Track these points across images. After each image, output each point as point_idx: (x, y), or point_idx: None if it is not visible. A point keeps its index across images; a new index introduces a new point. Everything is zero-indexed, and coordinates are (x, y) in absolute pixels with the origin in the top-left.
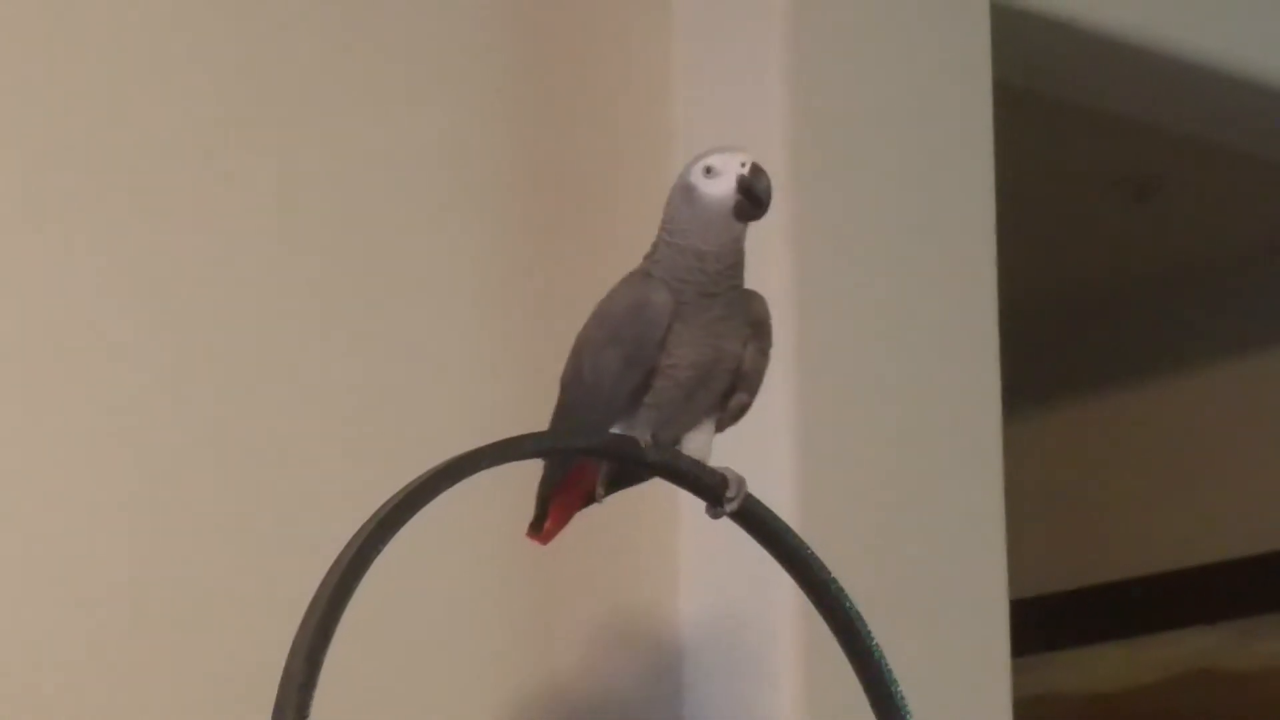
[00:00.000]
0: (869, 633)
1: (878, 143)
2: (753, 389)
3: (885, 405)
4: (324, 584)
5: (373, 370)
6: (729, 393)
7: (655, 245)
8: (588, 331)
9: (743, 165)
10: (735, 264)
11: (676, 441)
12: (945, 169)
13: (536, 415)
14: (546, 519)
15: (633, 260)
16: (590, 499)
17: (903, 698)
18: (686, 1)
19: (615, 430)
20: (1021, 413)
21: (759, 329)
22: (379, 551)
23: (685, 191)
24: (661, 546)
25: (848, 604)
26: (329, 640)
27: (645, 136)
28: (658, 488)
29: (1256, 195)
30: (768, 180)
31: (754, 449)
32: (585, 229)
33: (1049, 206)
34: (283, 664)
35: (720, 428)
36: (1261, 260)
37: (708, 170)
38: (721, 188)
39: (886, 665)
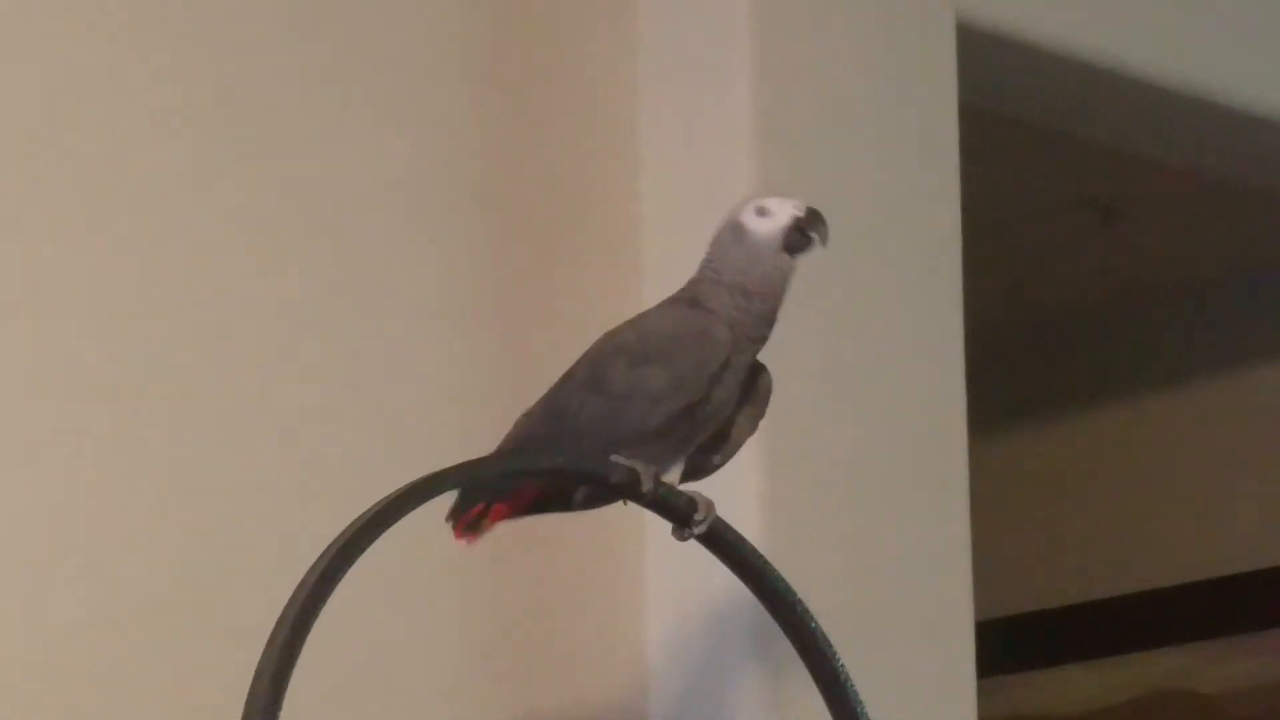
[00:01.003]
0: (835, 654)
1: (843, 165)
2: (730, 455)
3: (851, 425)
4: (289, 606)
5: (342, 389)
6: (707, 443)
7: (699, 281)
8: (618, 341)
9: (797, 208)
10: (776, 308)
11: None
12: (911, 191)
13: (504, 435)
14: (488, 518)
15: (596, 279)
16: (528, 509)
17: (868, 718)
18: (652, 19)
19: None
20: (988, 434)
21: (758, 399)
22: (344, 573)
23: (734, 230)
24: (627, 566)
25: (813, 625)
26: (294, 662)
27: (613, 156)
28: (624, 506)
29: (1222, 218)
30: (825, 224)
31: (719, 470)
32: (551, 246)
33: (1015, 229)
34: (247, 685)
35: (682, 480)
36: (1226, 283)
37: (760, 210)
38: (772, 226)
39: (852, 686)
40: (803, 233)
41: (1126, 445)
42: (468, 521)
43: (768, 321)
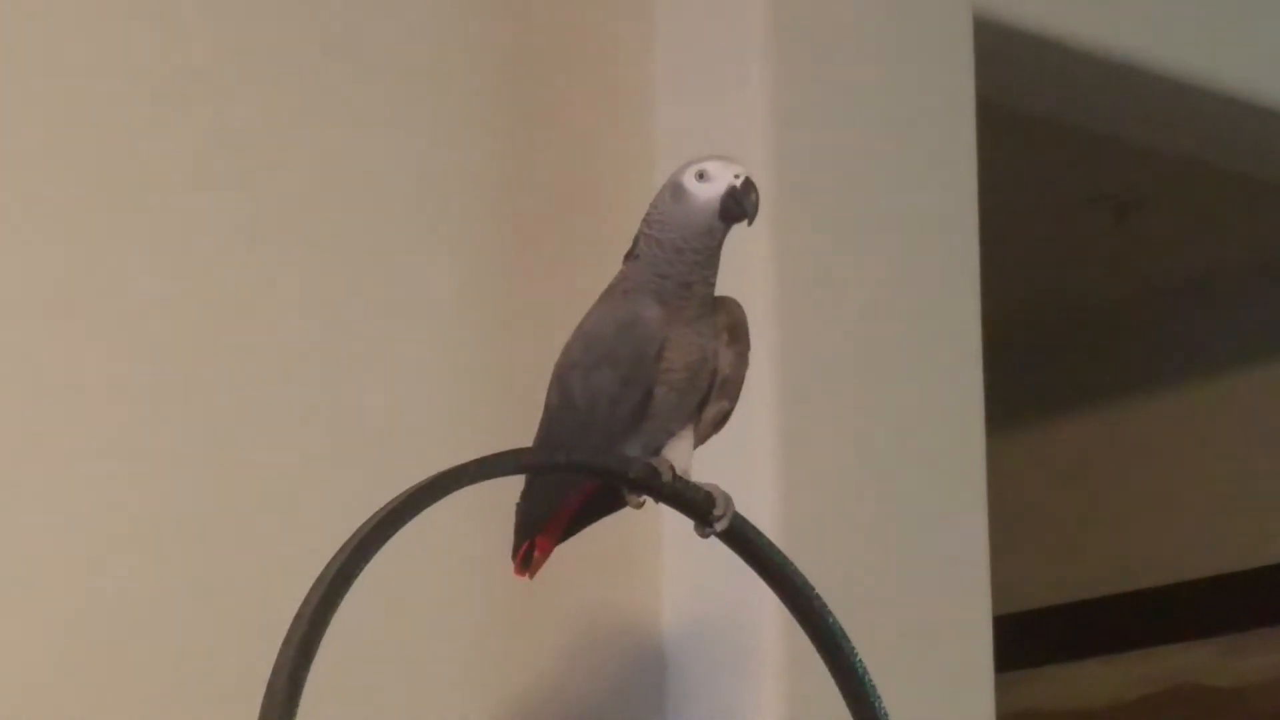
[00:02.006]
0: (853, 649)
1: (860, 159)
2: (734, 395)
3: (869, 422)
4: (307, 601)
5: (356, 387)
6: (706, 398)
7: (635, 241)
8: (571, 355)
9: (736, 176)
10: (712, 263)
11: (659, 451)
12: (928, 185)
13: (518, 432)
14: (535, 551)
15: (612, 275)
16: (568, 530)
17: (886, 713)
18: (669, 17)
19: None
20: (1005, 429)
21: (736, 333)
22: (362, 568)
23: (674, 190)
24: (644, 557)
25: (831, 620)
26: (312, 656)
27: (627, 154)
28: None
29: (1237, 213)
30: (757, 196)
31: (737, 464)
32: (566, 245)
33: (1030, 224)
34: (266, 679)
35: (703, 438)
36: (1242, 277)
37: (701, 174)
38: (710, 192)
39: (870, 681)
40: (738, 203)
41: (1143, 440)
42: (521, 559)
43: (703, 266)
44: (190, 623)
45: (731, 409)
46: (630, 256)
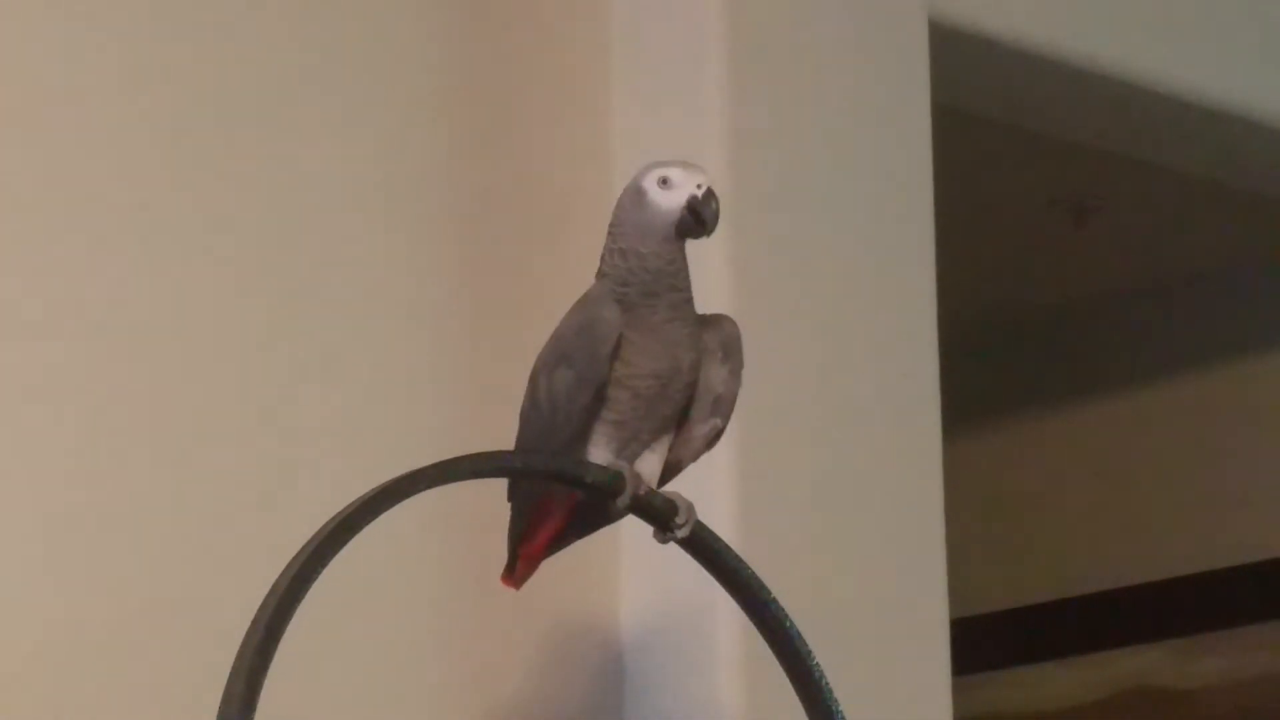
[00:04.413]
0: (810, 653)
1: (816, 164)
2: (726, 413)
3: (826, 424)
4: (264, 605)
5: (319, 391)
6: (686, 412)
7: (602, 256)
8: (540, 358)
9: (698, 186)
10: (677, 269)
11: (632, 461)
12: (885, 189)
13: (480, 438)
14: (519, 562)
15: (570, 277)
16: (556, 542)
17: (843, 717)
18: (624, 20)
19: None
20: (961, 432)
21: (730, 349)
22: (319, 573)
23: (636, 195)
24: (603, 562)
25: (788, 624)
26: (269, 661)
27: (584, 154)
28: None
29: (1194, 216)
30: (717, 207)
31: (694, 469)
32: (524, 247)
33: (989, 228)
34: (223, 684)
35: (694, 455)
36: (1199, 280)
37: (663, 181)
38: (671, 201)
39: (827, 685)
40: (697, 216)
41: (1099, 443)
42: (507, 569)
43: (669, 276)
44: (147, 628)
45: (724, 427)
46: (600, 274)
